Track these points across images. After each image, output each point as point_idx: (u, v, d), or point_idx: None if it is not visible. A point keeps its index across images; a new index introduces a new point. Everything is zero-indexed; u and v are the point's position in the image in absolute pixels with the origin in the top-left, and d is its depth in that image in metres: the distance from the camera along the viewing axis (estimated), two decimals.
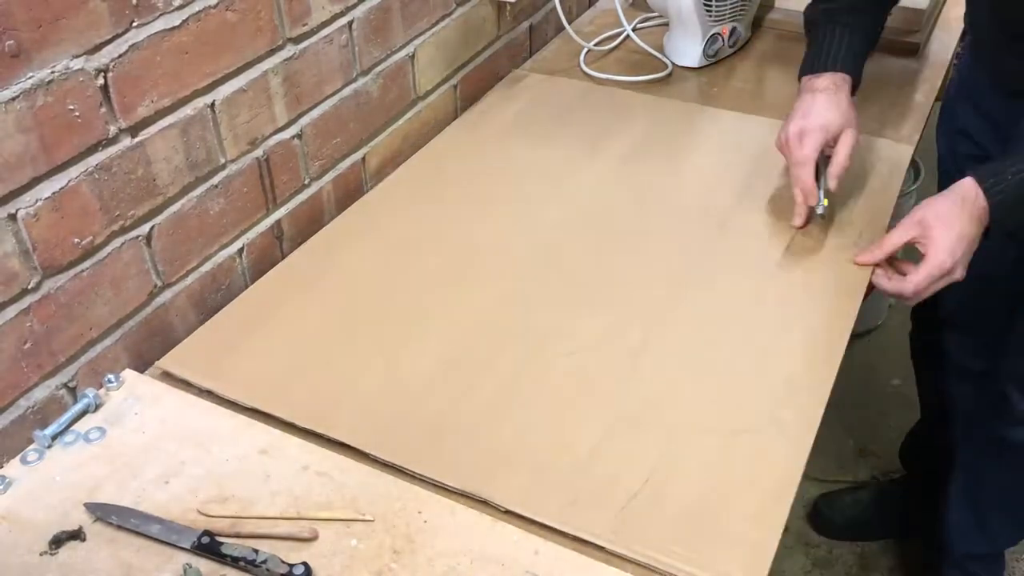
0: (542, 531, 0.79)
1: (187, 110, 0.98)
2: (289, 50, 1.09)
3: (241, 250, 1.10)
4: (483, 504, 0.82)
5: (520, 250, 1.13)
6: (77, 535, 0.79)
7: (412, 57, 1.31)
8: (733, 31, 1.53)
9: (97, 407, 0.91)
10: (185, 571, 0.75)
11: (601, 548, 0.78)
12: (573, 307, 1.04)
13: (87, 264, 0.92)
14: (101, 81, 0.87)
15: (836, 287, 1.05)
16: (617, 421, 0.89)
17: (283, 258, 1.14)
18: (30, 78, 0.81)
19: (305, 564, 0.75)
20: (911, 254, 1.05)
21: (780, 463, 0.85)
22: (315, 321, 1.03)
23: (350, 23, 1.17)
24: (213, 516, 0.80)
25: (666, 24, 1.56)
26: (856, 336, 1.06)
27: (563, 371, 0.95)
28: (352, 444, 0.87)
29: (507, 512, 0.81)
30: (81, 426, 0.89)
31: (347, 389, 0.94)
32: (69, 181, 0.87)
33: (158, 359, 0.99)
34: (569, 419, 0.90)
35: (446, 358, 0.97)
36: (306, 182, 1.18)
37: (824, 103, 1.14)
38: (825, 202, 1.13)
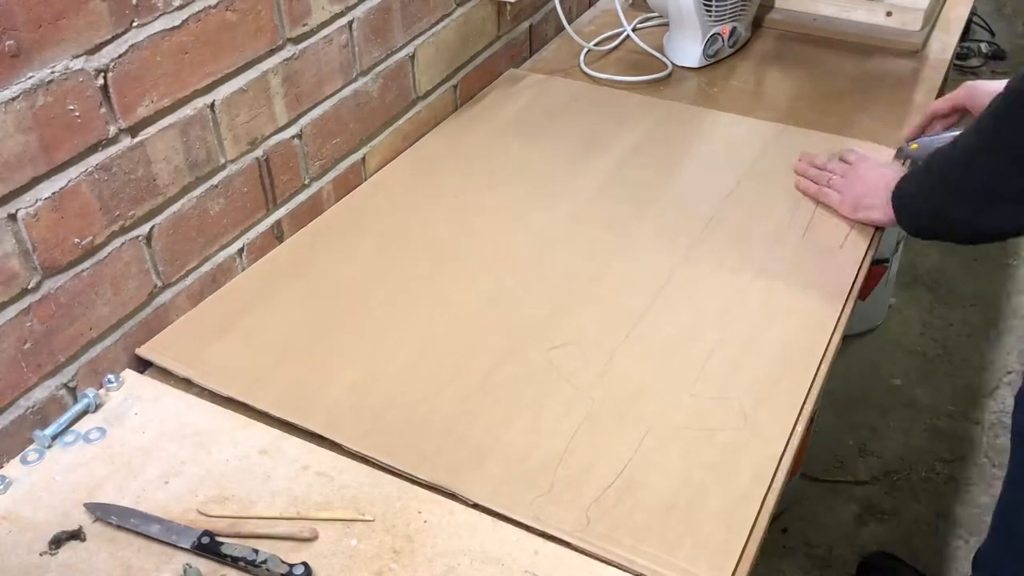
0: (539, 530, 0.79)
1: (187, 110, 0.98)
2: (289, 50, 1.09)
3: (241, 250, 1.11)
4: (453, 498, 0.82)
5: (508, 247, 1.13)
6: (77, 535, 0.79)
7: (412, 57, 1.31)
8: (733, 31, 1.53)
9: (97, 407, 0.91)
10: (185, 571, 0.75)
11: (568, 544, 0.78)
12: (558, 305, 1.04)
13: (87, 264, 0.92)
14: (101, 81, 0.87)
15: (822, 290, 1.05)
16: (592, 418, 0.90)
17: None
18: (30, 78, 0.81)
19: (305, 564, 0.75)
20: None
21: (753, 463, 0.85)
22: (298, 313, 1.03)
23: (350, 23, 1.17)
24: (213, 516, 0.80)
25: (666, 24, 1.56)
26: (856, 336, 1.06)
27: (542, 367, 0.96)
28: (325, 435, 0.88)
29: (475, 506, 0.81)
30: (81, 426, 0.90)
31: (326, 381, 0.94)
32: (69, 181, 0.87)
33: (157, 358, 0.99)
34: (545, 415, 0.90)
35: (427, 352, 0.98)
36: (306, 182, 1.18)
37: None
38: (914, 146, 1.21)
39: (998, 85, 1.06)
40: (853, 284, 1.05)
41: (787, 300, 1.04)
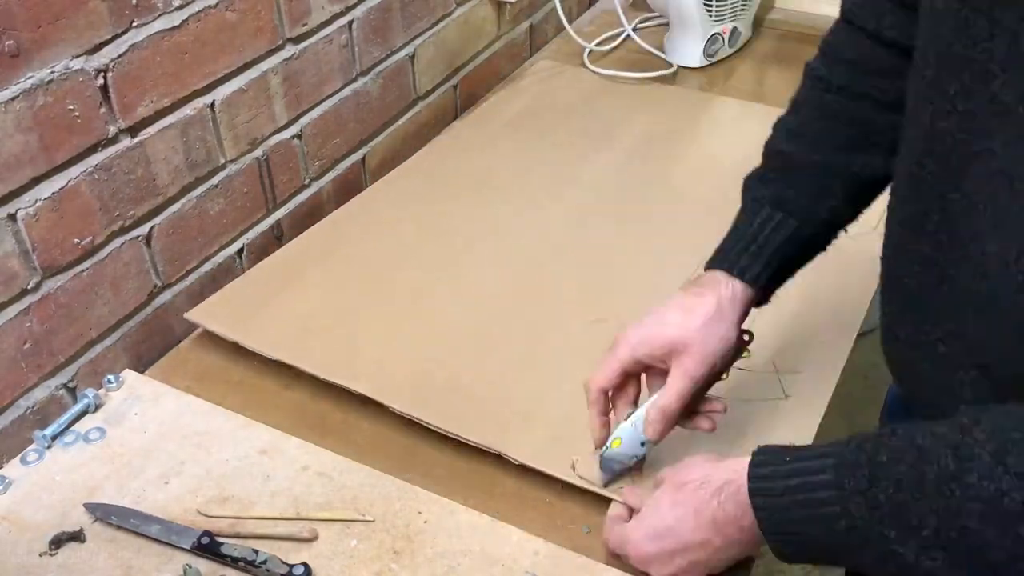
0: (543, 530, 0.79)
1: (187, 110, 0.98)
2: (289, 50, 1.09)
3: (241, 250, 1.10)
4: (498, 458, 0.84)
5: (544, 227, 1.15)
6: (77, 536, 0.79)
7: (412, 57, 1.31)
8: (733, 31, 1.53)
9: (97, 407, 0.91)
10: (185, 571, 0.75)
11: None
12: (593, 284, 1.05)
13: (87, 264, 0.92)
14: (101, 81, 0.87)
15: (845, 279, 1.03)
16: None
17: None
18: (30, 78, 0.81)
19: (305, 564, 0.75)
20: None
21: (792, 431, 0.86)
22: (344, 284, 1.06)
23: (350, 23, 1.17)
24: (213, 516, 0.80)
25: (666, 24, 1.56)
26: (857, 336, 1.05)
27: (582, 339, 0.96)
28: (373, 396, 0.89)
29: (520, 466, 0.83)
30: (81, 426, 0.89)
31: (371, 348, 0.96)
32: (69, 181, 0.87)
33: (158, 359, 0.99)
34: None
35: (471, 321, 1.00)
36: (306, 182, 1.18)
37: (678, 309, 0.78)
38: (615, 443, 0.79)
39: (662, 329, 0.77)
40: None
41: (822, 280, 1.03)
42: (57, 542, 0.78)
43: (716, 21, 1.50)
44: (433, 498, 0.82)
